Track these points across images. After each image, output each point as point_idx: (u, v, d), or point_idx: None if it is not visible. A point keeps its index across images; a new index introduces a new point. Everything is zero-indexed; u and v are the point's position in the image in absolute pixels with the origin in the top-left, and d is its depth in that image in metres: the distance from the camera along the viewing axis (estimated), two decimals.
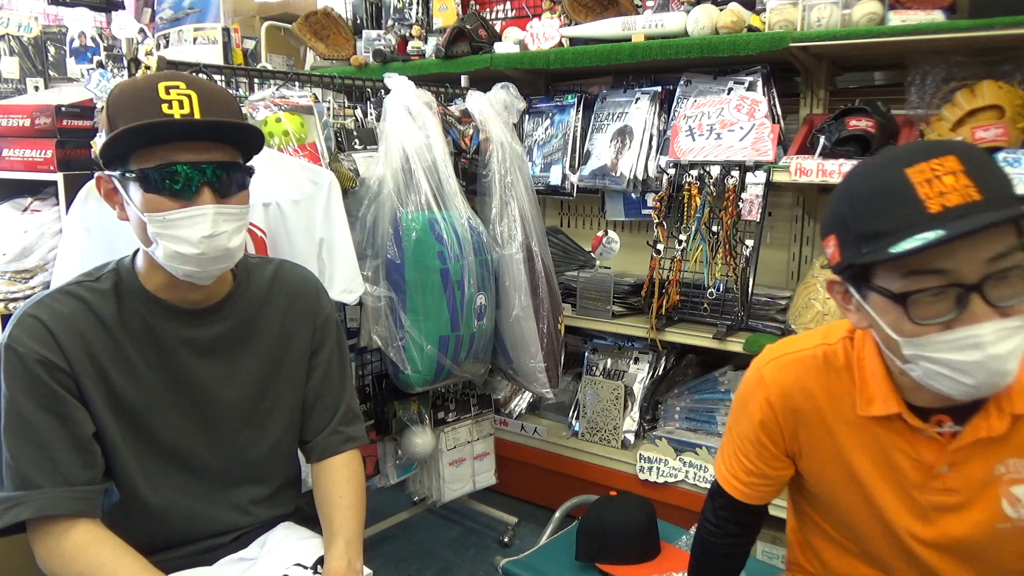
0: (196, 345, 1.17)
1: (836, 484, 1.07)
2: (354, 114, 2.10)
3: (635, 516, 1.66)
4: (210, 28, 2.97)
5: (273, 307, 1.26)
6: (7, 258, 2.15)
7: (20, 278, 2.15)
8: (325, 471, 1.30)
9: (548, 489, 2.64)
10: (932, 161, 0.82)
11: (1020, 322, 0.83)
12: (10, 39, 2.78)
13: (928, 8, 1.91)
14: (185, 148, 1.03)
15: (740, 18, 2.17)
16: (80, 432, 1.08)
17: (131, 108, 1.02)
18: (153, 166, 1.02)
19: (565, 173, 2.65)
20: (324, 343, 1.31)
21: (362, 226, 1.93)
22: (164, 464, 1.17)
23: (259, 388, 1.24)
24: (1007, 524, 0.98)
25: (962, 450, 0.97)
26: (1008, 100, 1.83)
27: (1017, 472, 0.97)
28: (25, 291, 2.14)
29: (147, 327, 1.13)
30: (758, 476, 1.12)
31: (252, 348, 1.23)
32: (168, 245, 1.05)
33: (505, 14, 2.88)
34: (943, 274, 0.82)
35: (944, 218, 0.79)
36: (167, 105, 1.01)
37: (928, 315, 0.83)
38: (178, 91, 1.02)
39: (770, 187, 2.16)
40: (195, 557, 1.21)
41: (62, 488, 1.05)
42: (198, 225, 1.05)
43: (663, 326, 2.34)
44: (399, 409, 2.21)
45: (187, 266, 1.07)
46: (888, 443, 1.00)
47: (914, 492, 1.01)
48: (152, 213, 1.04)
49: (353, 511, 1.26)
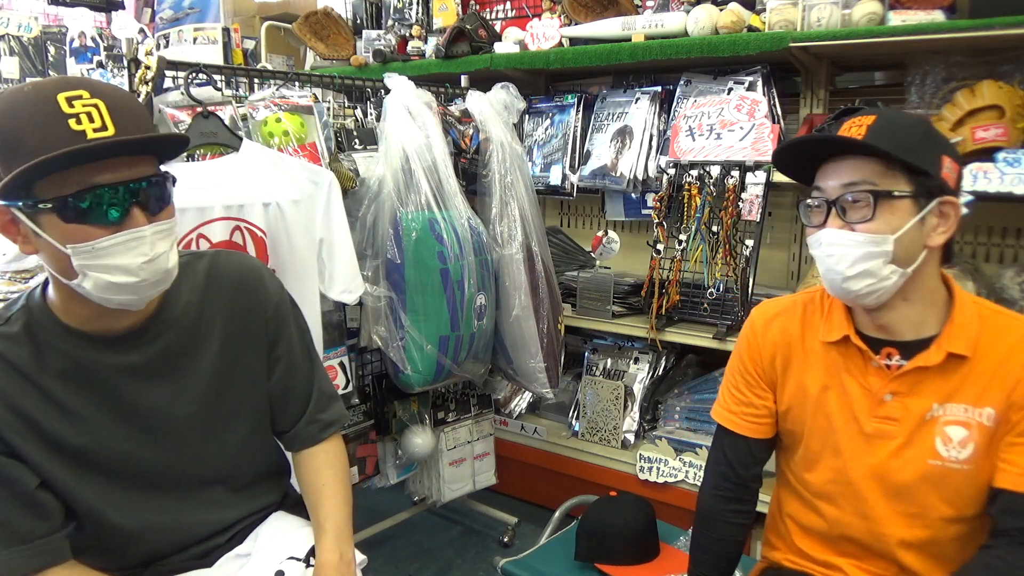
0: (134, 371, 1.08)
1: (803, 411, 1.21)
2: (354, 114, 2.10)
3: (635, 516, 1.66)
4: (210, 28, 2.97)
5: (213, 308, 1.15)
6: (7, 258, 2.15)
7: (20, 278, 2.15)
8: (305, 459, 1.27)
9: (548, 489, 2.64)
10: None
11: (855, 236, 1.05)
12: (10, 39, 2.78)
13: (928, 8, 1.91)
14: (104, 168, 0.91)
15: (740, 18, 2.17)
16: (23, 489, 1.01)
17: (29, 127, 0.88)
18: (72, 192, 0.90)
19: (565, 173, 2.65)
20: (281, 332, 1.22)
21: (362, 226, 1.93)
22: (128, 491, 1.11)
23: (214, 397, 1.16)
24: (937, 461, 1.11)
25: (904, 379, 1.11)
26: (1008, 100, 1.83)
27: (953, 415, 1.10)
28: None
29: (75, 364, 1.04)
30: (746, 405, 1.27)
31: (198, 358, 1.14)
32: (100, 276, 0.94)
33: (505, 14, 2.88)
34: (820, 191, 1.09)
35: None
36: (75, 120, 0.88)
37: (814, 220, 1.11)
38: (82, 102, 0.90)
39: (770, 187, 2.16)
40: (194, 561, 1.19)
41: (17, 548, 1.00)
42: (134, 250, 0.94)
43: (663, 326, 2.34)
44: (399, 409, 2.21)
45: (123, 295, 0.97)
46: (843, 369, 1.17)
47: (861, 417, 1.15)
48: (77, 244, 0.92)
49: (339, 499, 1.23)
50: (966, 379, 1.10)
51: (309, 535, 1.23)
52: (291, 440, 1.28)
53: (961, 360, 1.09)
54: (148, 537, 1.14)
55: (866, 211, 1.04)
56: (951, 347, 1.09)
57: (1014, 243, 2.12)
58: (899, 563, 1.15)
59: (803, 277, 2.26)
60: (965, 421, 1.09)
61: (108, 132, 0.90)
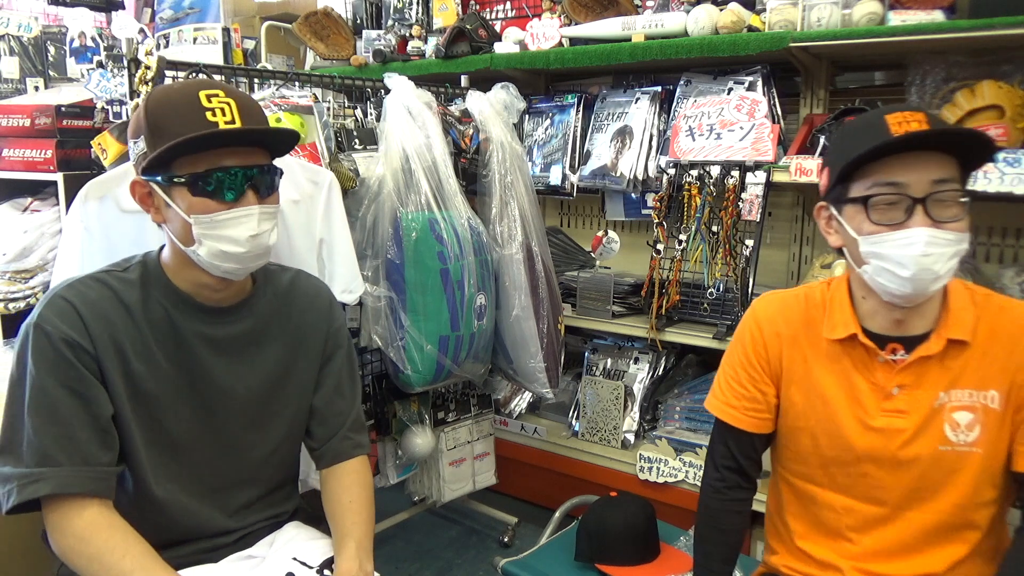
0: (213, 342, 1.20)
1: (807, 407, 1.21)
2: (354, 114, 2.10)
3: (635, 516, 1.66)
4: (210, 28, 2.97)
5: (288, 313, 1.30)
6: (7, 258, 2.15)
7: (20, 278, 2.15)
8: (334, 475, 1.33)
9: (548, 489, 2.64)
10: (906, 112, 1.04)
11: (951, 235, 1.03)
12: (10, 39, 2.78)
13: (928, 8, 1.91)
14: (231, 154, 1.09)
15: (740, 18, 2.17)
16: (100, 413, 1.10)
17: (174, 116, 1.07)
18: (202, 171, 1.08)
19: (565, 173, 2.65)
20: (336, 353, 1.35)
21: (362, 226, 1.93)
22: (169, 458, 1.19)
23: (268, 390, 1.27)
24: (948, 447, 1.12)
25: (909, 371, 1.13)
26: (1008, 100, 1.83)
27: (959, 401, 1.12)
28: (25, 291, 2.14)
29: (168, 319, 1.17)
30: (748, 400, 1.26)
31: (266, 350, 1.26)
32: (214, 244, 1.10)
33: (505, 14, 2.88)
34: (897, 186, 1.04)
35: (901, 139, 1.02)
36: (211, 113, 1.07)
37: (883, 219, 1.05)
38: (218, 99, 1.08)
39: (770, 187, 2.16)
40: (199, 555, 1.22)
41: (80, 467, 1.07)
42: (243, 225, 1.11)
43: (663, 326, 2.34)
44: (399, 409, 2.21)
45: (230, 263, 1.13)
46: (849, 366, 1.18)
47: (870, 411, 1.16)
48: (199, 215, 1.09)
49: (364, 515, 1.28)
50: (968, 364, 1.12)
51: (326, 547, 1.27)
52: (323, 455, 1.35)
53: (962, 346, 1.11)
54: (169, 513, 1.19)
55: (956, 210, 1.04)
56: (950, 334, 1.11)
57: (1014, 243, 2.12)
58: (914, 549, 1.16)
59: (803, 277, 2.26)
60: (971, 405, 1.11)
61: (235, 125, 1.08)
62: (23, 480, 1.05)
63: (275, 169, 1.17)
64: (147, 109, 1.09)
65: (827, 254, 2.19)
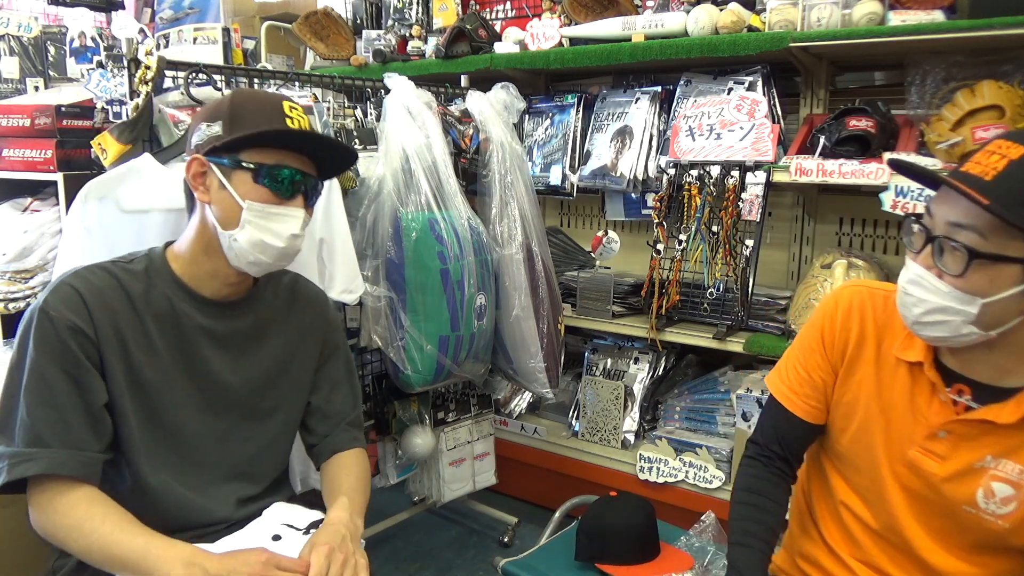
0: (213, 335, 1.24)
1: (853, 411, 1.15)
2: (354, 114, 2.10)
3: (635, 516, 1.66)
4: (210, 28, 2.97)
5: (288, 312, 1.34)
6: (7, 258, 2.15)
7: (20, 278, 2.15)
8: (333, 462, 1.36)
9: (548, 489, 2.64)
10: None
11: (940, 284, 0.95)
12: (10, 39, 2.78)
13: (928, 8, 1.91)
14: (295, 158, 1.18)
15: (740, 18, 2.17)
16: (94, 400, 1.12)
17: (258, 112, 1.16)
18: (271, 163, 1.15)
19: (565, 173, 2.65)
20: (333, 355, 1.40)
21: (362, 226, 1.93)
22: (165, 447, 1.21)
23: (265, 384, 1.30)
24: (972, 510, 1.04)
25: (967, 424, 1.03)
26: (1008, 100, 1.83)
27: (1005, 472, 1.02)
28: (25, 291, 2.13)
29: (171, 310, 1.20)
30: (809, 386, 1.19)
31: (264, 346, 1.30)
32: (256, 233, 1.16)
33: (505, 14, 2.88)
34: (930, 217, 0.97)
35: None
36: (290, 120, 1.17)
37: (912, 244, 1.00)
38: (297, 113, 1.19)
39: (770, 187, 2.16)
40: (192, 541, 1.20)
41: (71, 450, 1.09)
42: (288, 223, 1.18)
43: (663, 326, 2.34)
44: (399, 409, 2.21)
45: (264, 256, 1.18)
46: (907, 390, 1.09)
47: (907, 442, 1.09)
48: (254, 202, 1.15)
49: (359, 490, 1.31)
50: None
51: (311, 513, 1.28)
52: (321, 450, 1.38)
53: None
54: (162, 503, 1.20)
55: (958, 265, 0.93)
56: None
57: None
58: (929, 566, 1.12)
59: (803, 277, 2.26)
60: (1016, 481, 1.01)
61: (317, 134, 1.20)
62: (14, 459, 1.07)
63: (320, 185, 1.26)
64: (232, 101, 1.18)
65: (827, 254, 2.19)
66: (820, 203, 2.40)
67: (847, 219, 2.38)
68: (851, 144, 2.00)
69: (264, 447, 1.32)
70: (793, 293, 2.23)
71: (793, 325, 2.13)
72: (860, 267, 2.09)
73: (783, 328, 2.19)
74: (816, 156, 2.02)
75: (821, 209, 2.41)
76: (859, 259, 2.11)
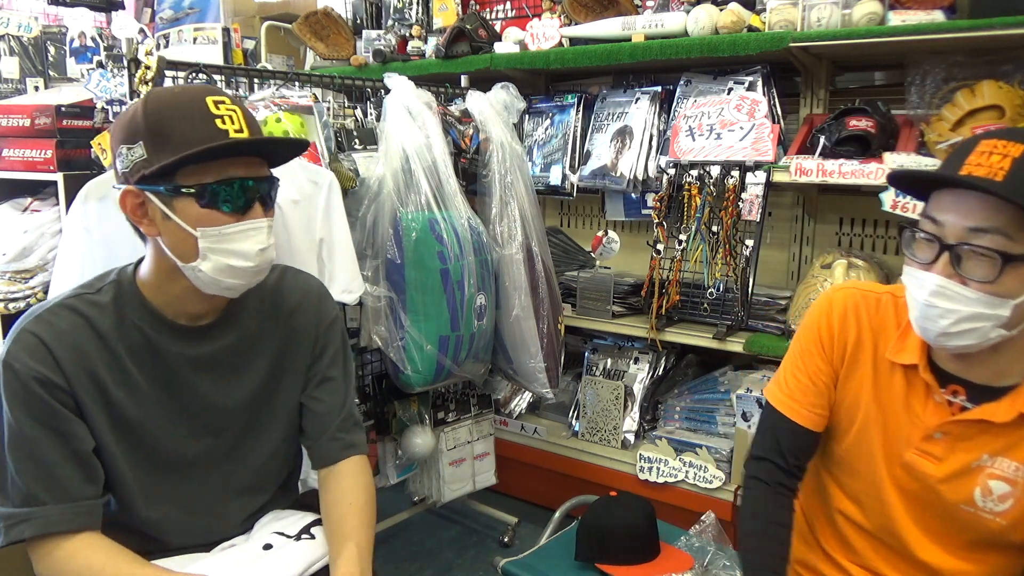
0: (197, 361, 1.16)
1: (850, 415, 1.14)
2: (354, 114, 2.10)
3: (635, 516, 1.66)
4: (210, 28, 2.97)
5: (276, 316, 1.24)
6: (7, 258, 2.15)
7: (20, 278, 2.15)
8: (331, 477, 1.27)
9: (548, 489, 2.64)
10: None
11: (968, 292, 0.92)
12: (10, 39, 2.78)
13: (928, 8, 1.91)
14: (239, 164, 1.04)
15: (740, 18, 2.17)
16: (80, 448, 1.07)
17: (182, 122, 1.00)
18: (212, 181, 1.01)
19: (565, 173, 2.65)
20: (326, 350, 1.29)
21: (362, 226, 1.93)
22: (163, 478, 1.17)
23: (261, 396, 1.24)
24: (970, 508, 1.05)
25: (962, 425, 1.03)
26: (1008, 100, 1.83)
27: (1001, 469, 1.03)
28: (25, 291, 2.14)
29: (146, 341, 1.12)
30: (813, 393, 1.16)
31: (254, 361, 1.22)
32: (220, 259, 1.05)
33: (505, 14, 2.88)
34: (937, 225, 0.94)
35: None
36: (220, 120, 1.01)
37: (920, 255, 0.97)
38: (225, 106, 1.03)
39: (770, 187, 2.16)
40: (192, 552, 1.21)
41: (65, 504, 1.05)
42: (253, 238, 1.06)
43: (663, 326, 2.34)
44: (399, 409, 2.21)
45: (235, 279, 1.07)
46: (902, 392, 1.09)
47: (904, 443, 1.08)
48: (207, 228, 1.03)
49: (364, 518, 1.23)
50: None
51: (302, 516, 1.26)
52: (313, 454, 1.30)
53: None
54: (162, 531, 1.18)
55: (989, 271, 0.90)
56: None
57: None
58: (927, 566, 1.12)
59: (803, 277, 2.26)
60: (1012, 478, 1.02)
61: (244, 134, 1.03)
62: (9, 521, 1.04)
63: (276, 181, 1.12)
64: (147, 113, 1.01)
65: (827, 254, 2.19)
66: (820, 203, 2.40)
67: (847, 219, 2.38)
68: (851, 144, 2.00)
69: (271, 454, 1.27)
70: (793, 293, 2.23)
71: (793, 325, 2.13)
72: (860, 267, 2.09)
73: (783, 328, 2.19)
74: (816, 156, 2.02)
75: (821, 209, 2.41)
76: (859, 259, 2.11)
